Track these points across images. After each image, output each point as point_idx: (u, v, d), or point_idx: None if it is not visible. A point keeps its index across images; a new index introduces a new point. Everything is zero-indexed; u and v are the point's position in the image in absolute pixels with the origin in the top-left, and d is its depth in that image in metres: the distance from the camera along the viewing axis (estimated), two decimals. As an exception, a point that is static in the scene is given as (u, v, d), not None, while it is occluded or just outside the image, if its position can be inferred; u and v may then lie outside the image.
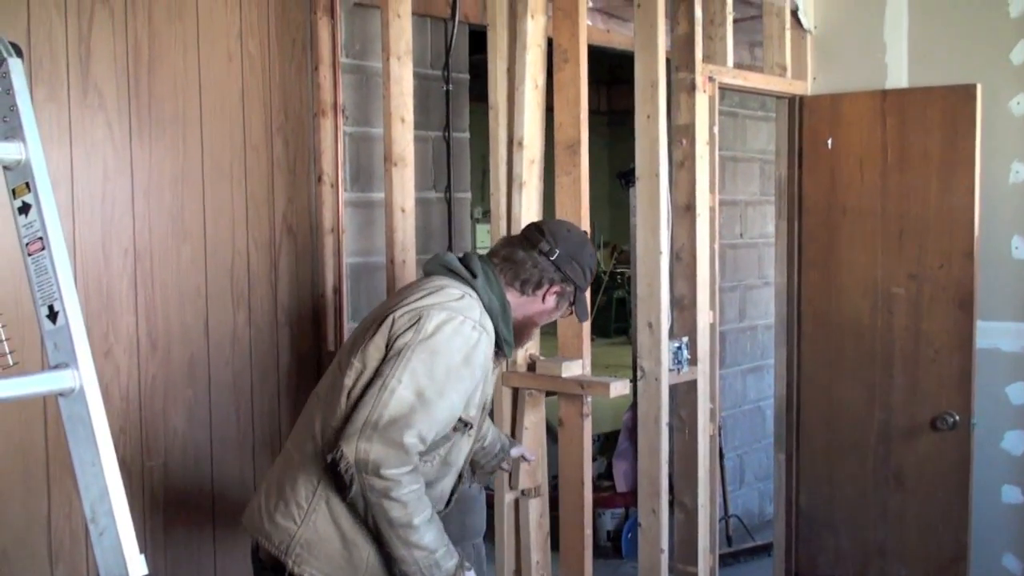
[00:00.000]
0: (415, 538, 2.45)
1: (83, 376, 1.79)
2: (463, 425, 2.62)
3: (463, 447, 2.70)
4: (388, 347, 2.49)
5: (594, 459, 5.95)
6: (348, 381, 2.52)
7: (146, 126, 3.36)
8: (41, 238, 1.82)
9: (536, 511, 3.40)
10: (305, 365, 3.82)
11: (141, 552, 1.83)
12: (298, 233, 3.80)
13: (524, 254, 2.73)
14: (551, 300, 2.78)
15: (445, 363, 2.48)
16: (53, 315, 1.80)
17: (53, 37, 3.12)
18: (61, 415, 1.83)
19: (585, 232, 2.94)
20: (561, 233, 2.77)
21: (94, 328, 3.24)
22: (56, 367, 1.80)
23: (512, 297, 2.72)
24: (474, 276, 2.67)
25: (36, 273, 1.83)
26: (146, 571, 1.81)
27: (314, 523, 2.52)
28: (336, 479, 2.44)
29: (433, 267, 2.75)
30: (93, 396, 1.80)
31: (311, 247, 3.83)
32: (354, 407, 2.45)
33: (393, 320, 2.51)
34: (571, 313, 2.89)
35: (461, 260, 2.73)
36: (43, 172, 1.85)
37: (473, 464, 2.98)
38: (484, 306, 2.63)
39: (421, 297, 2.57)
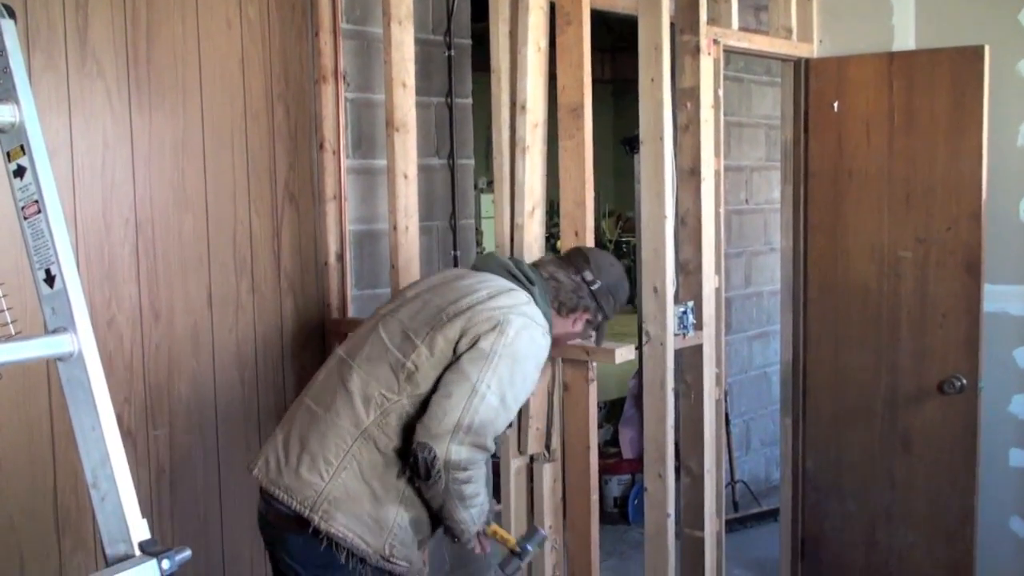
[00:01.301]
0: (477, 500, 2.63)
1: (81, 340, 1.78)
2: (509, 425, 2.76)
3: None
4: (463, 342, 2.59)
5: (600, 426, 5.97)
6: (411, 364, 2.60)
7: (145, 94, 3.33)
8: (37, 201, 1.80)
9: (550, 476, 3.39)
10: (309, 333, 3.80)
11: (143, 517, 1.82)
12: (300, 201, 3.77)
13: (566, 279, 2.90)
14: (580, 325, 2.97)
15: (523, 370, 2.64)
16: (50, 279, 1.79)
17: (50, 4, 3.09)
18: (60, 380, 1.82)
19: (624, 266, 3.10)
20: (604, 266, 2.96)
21: (96, 297, 3.23)
22: (54, 331, 1.79)
23: (551, 314, 2.86)
24: (532, 283, 2.82)
25: (32, 237, 1.82)
26: (148, 535, 1.80)
27: (343, 480, 2.55)
28: (415, 467, 2.53)
29: (490, 266, 2.87)
30: (92, 360, 1.78)
31: (313, 215, 3.81)
32: (436, 403, 2.53)
33: (470, 318, 2.61)
34: (590, 337, 3.09)
35: (515, 263, 2.87)
36: (38, 134, 1.83)
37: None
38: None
39: (493, 296, 2.68)
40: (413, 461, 2.52)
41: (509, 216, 3.39)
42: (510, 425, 2.79)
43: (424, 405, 2.57)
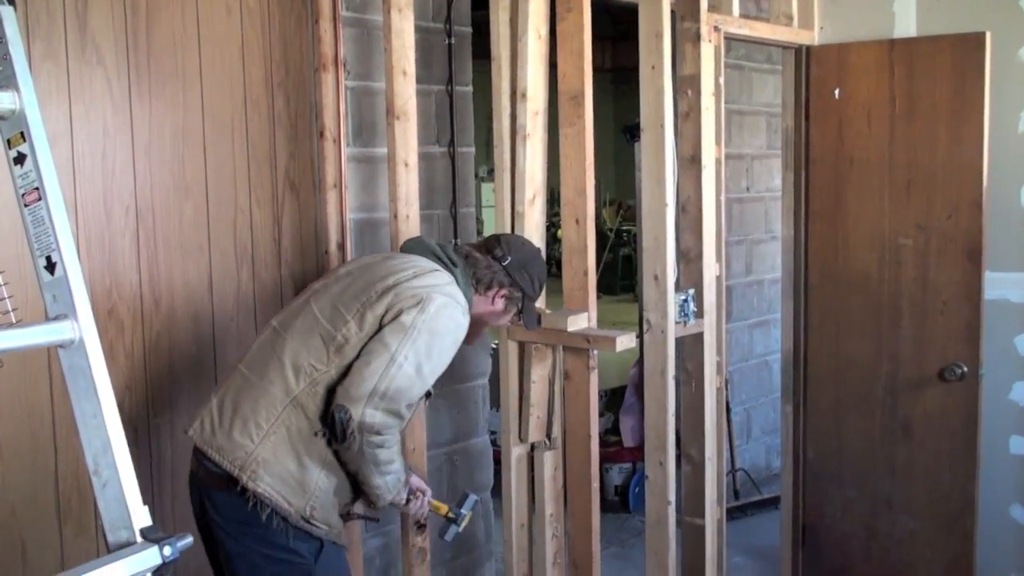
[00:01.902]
0: (392, 467, 2.80)
1: (82, 327, 1.78)
2: (427, 395, 2.94)
3: (417, 409, 3.07)
4: (387, 316, 2.74)
5: (601, 415, 5.96)
6: (340, 337, 2.74)
7: (145, 82, 3.32)
8: (37, 188, 1.80)
9: (551, 464, 3.40)
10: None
11: (144, 504, 1.82)
12: (300, 189, 3.77)
13: (481, 256, 3.05)
14: (500, 303, 3.09)
15: (440, 344, 2.78)
16: (51, 266, 1.79)
17: (50, -9, 3.08)
18: (61, 367, 1.82)
19: (539, 248, 3.24)
20: (515, 244, 3.12)
21: (97, 286, 3.22)
22: (55, 319, 1.79)
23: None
24: (455, 265, 2.97)
25: (33, 224, 1.81)
26: (150, 522, 1.80)
27: (272, 444, 2.70)
28: (332, 428, 2.68)
29: (417, 248, 3.04)
30: (93, 347, 1.78)
31: (314, 203, 3.80)
32: (356, 370, 2.68)
33: (396, 295, 2.76)
34: (519, 320, 3.20)
35: (440, 246, 3.03)
36: (38, 121, 1.83)
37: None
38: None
39: (416, 275, 2.84)
40: (331, 422, 2.67)
41: (510, 204, 3.39)
42: (427, 395, 2.92)
43: None
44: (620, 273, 14.82)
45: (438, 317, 2.76)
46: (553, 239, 10.85)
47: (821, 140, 4.29)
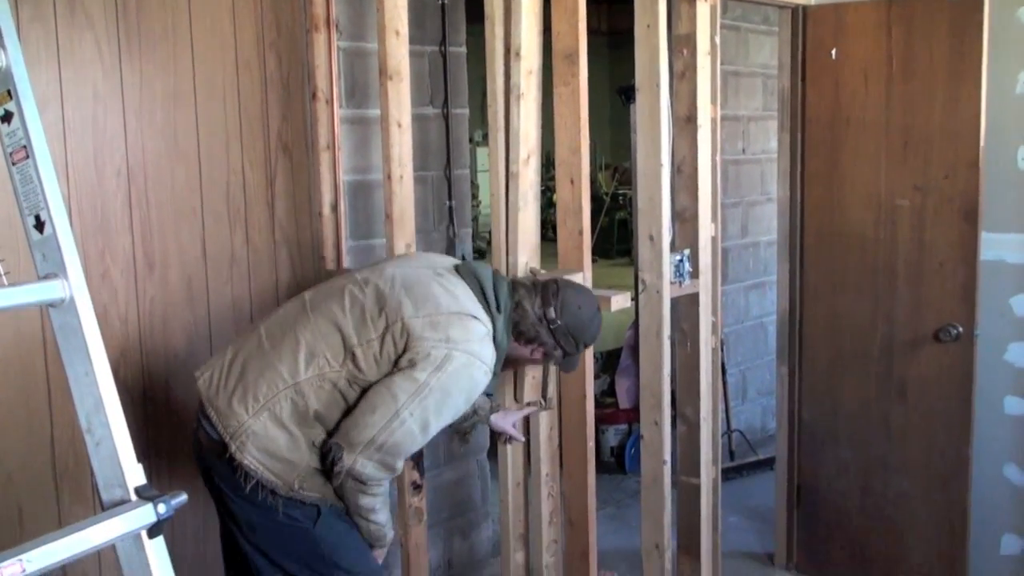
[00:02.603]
0: (372, 517, 2.80)
1: (73, 286, 1.76)
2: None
3: None
4: (404, 359, 2.67)
5: (596, 377, 5.97)
6: (359, 351, 2.67)
7: (135, 44, 3.30)
8: (25, 146, 1.79)
9: (547, 424, 3.40)
10: (305, 285, 3.77)
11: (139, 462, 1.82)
12: (294, 151, 3.75)
13: (531, 311, 2.91)
14: (538, 354, 3.01)
15: (453, 404, 2.72)
16: (40, 225, 1.77)
17: (37, -49, 3.05)
18: (52, 327, 1.81)
19: (598, 311, 3.07)
20: (571, 307, 2.94)
21: (89, 249, 3.21)
22: (45, 277, 1.78)
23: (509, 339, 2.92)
24: (499, 311, 2.84)
25: (21, 183, 1.80)
26: (144, 480, 1.80)
27: (264, 420, 2.67)
28: (325, 456, 2.68)
29: (470, 277, 2.88)
30: (84, 306, 1.78)
31: (307, 165, 3.79)
32: (360, 413, 2.65)
33: (420, 337, 2.67)
34: (557, 365, 3.17)
35: (494, 284, 2.88)
36: (24, 79, 1.81)
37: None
38: (495, 341, 2.82)
39: (450, 321, 2.71)
40: (326, 450, 2.67)
41: (504, 164, 3.36)
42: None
43: (360, 391, 2.69)
44: (616, 237, 14.81)
45: (455, 377, 2.68)
46: (548, 204, 10.85)
47: (817, 101, 4.27)
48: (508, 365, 3.05)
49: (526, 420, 3.43)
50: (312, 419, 2.69)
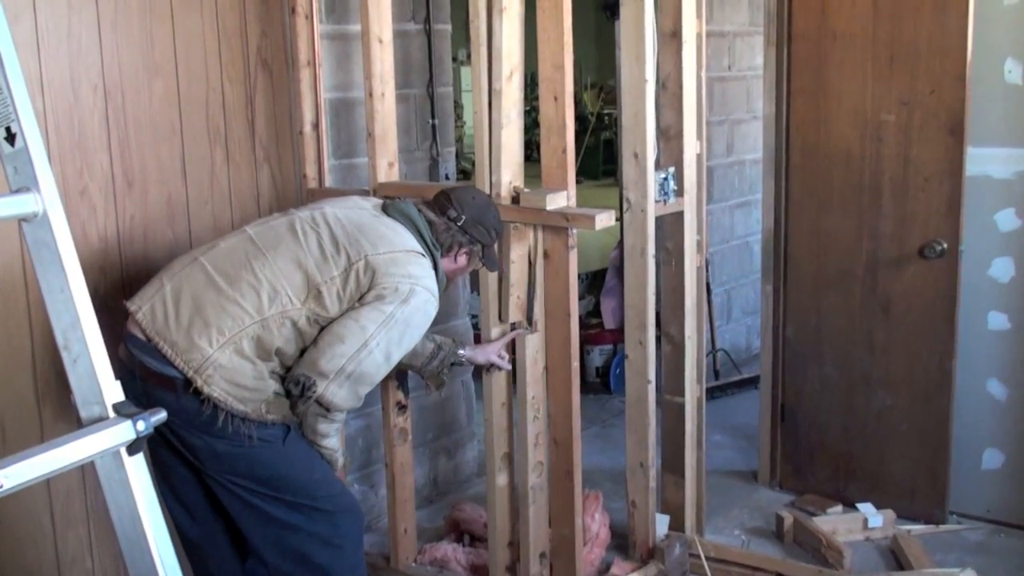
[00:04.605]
0: (324, 443, 2.91)
1: (46, 200, 1.73)
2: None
3: None
4: (370, 294, 2.79)
5: (581, 298, 5.97)
6: (324, 289, 2.77)
7: (110, -45, 3.22)
8: (-8, 55, 1.73)
9: (532, 346, 3.39)
10: (286, 204, 3.75)
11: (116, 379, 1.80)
12: (273, 67, 3.69)
13: (438, 219, 3.07)
14: (462, 259, 3.17)
15: (412, 335, 2.90)
16: (11, 137, 1.72)
17: None
18: (26, 242, 1.78)
19: (487, 195, 3.23)
20: (465, 200, 3.10)
21: (67, 166, 3.17)
22: (17, 191, 1.74)
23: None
24: (436, 250, 3.03)
25: (-10, 94, 1.75)
26: (122, 397, 1.79)
27: (230, 353, 2.70)
28: (290, 386, 2.78)
29: (404, 220, 3.01)
30: (58, 220, 1.74)
31: (287, 82, 3.73)
32: (327, 344, 2.75)
33: (384, 273, 2.80)
34: (482, 265, 3.24)
35: (428, 225, 3.05)
36: (-11, -14, 1.75)
37: (412, 369, 3.36)
38: (436, 278, 2.99)
39: (408, 258, 2.87)
40: (293, 381, 2.76)
41: (487, 81, 3.31)
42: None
43: (318, 329, 2.79)
44: (602, 158, 14.73)
45: (416, 311, 2.85)
46: (533, 124, 10.75)
47: (804, 15, 4.21)
48: (448, 283, 3.19)
49: (511, 343, 3.42)
50: (272, 354, 2.76)
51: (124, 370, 2.76)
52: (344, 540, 2.97)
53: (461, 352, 3.36)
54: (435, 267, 3.00)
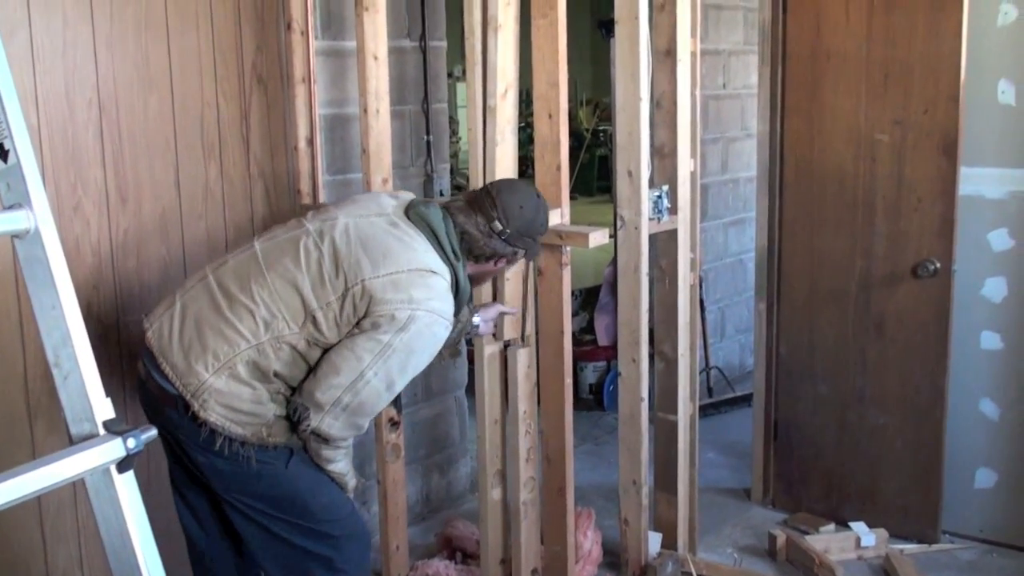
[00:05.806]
0: (332, 467, 2.84)
1: (38, 216, 1.72)
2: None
3: None
4: (365, 322, 2.65)
5: (575, 314, 5.97)
6: (320, 314, 2.64)
7: (105, -30, 3.23)
8: (-15, 71, 1.74)
9: (524, 362, 3.39)
10: (280, 219, 3.73)
11: (108, 397, 1.80)
12: (268, 83, 3.69)
13: (478, 232, 2.86)
14: (501, 263, 3.01)
15: (416, 361, 2.73)
16: (4, 153, 1.72)
17: None
18: (18, 259, 1.77)
19: (538, 198, 3.00)
20: (513, 211, 2.88)
21: (61, 181, 3.17)
22: (9, 208, 1.73)
23: (468, 264, 2.91)
24: (457, 258, 2.82)
25: (-17, 110, 1.75)
26: (113, 414, 1.78)
27: (225, 378, 2.63)
28: (288, 416, 2.71)
29: (420, 224, 2.81)
30: (50, 237, 1.74)
31: (282, 98, 3.73)
32: (324, 375, 2.64)
33: (382, 299, 2.64)
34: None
35: (446, 228, 2.82)
36: (-15, 2, 1.75)
37: None
38: (458, 287, 2.83)
39: (411, 280, 2.67)
40: (292, 408, 2.69)
41: (481, 99, 3.32)
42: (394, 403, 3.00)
43: (321, 351, 2.69)
44: (596, 174, 14.75)
45: (419, 336, 2.68)
46: (528, 140, 10.77)
47: (798, 33, 4.23)
48: (476, 283, 3.04)
49: (503, 358, 3.42)
50: (272, 376, 2.67)
51: (140, 383, 2.79)
52: (348, 564, 2.90)
53: (476, 321, 3.22)
54: (456, 277, 2.82)
